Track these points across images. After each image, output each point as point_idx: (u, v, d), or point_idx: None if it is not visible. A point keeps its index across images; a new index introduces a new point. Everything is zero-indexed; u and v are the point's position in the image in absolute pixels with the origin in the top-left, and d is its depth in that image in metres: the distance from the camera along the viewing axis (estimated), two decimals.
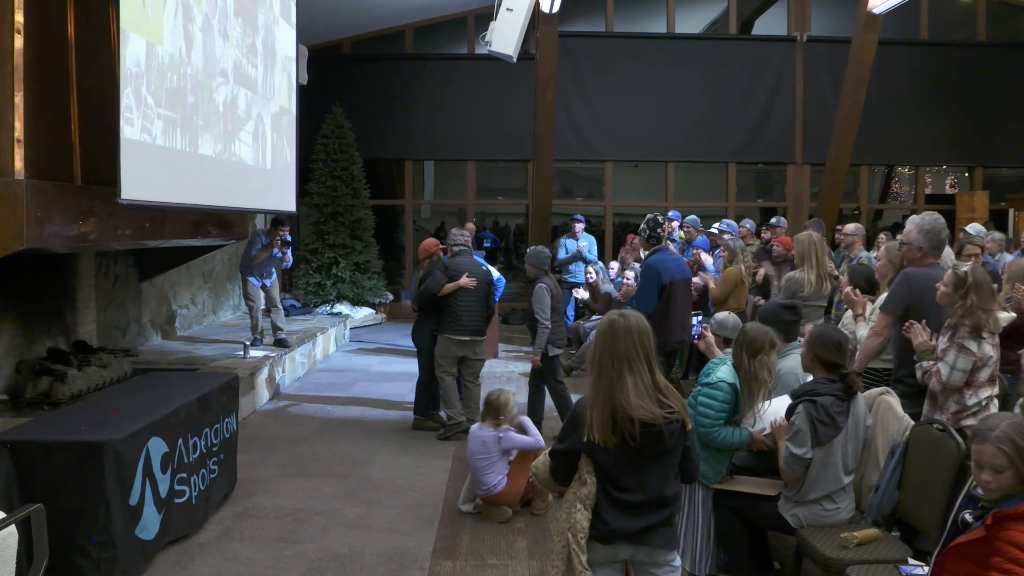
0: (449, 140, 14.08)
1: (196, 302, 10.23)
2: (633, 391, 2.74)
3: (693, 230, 9.44)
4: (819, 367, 3.84)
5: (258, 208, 8.68)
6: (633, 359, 2.77)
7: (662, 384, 2.83)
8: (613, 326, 2.83)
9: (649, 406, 2.75)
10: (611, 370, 2.78)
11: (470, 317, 6.65)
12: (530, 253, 6.68)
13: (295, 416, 7.60)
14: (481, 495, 5.07)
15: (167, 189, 6.11)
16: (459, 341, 6.67)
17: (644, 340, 2.80)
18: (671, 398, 2.82)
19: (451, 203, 16.40)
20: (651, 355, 2.81)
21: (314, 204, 12.84)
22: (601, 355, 2.83)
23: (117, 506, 3.96)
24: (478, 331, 6.66)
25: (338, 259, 12.75)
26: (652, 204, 14.38)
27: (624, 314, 2.88)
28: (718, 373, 4.03)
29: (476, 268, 6.71)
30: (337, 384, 8.96)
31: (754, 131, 14.12)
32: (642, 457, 2.79)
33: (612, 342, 2.81)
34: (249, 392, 7.64)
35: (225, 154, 7.28)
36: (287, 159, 9.24)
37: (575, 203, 15.39)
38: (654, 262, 5.86)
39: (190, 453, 4.73)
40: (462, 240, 6.92)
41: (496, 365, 10.17)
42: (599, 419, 2.76)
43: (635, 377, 2.76)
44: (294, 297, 12.71)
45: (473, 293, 6.65)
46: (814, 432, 3.69)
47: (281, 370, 8.66)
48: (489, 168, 15.59)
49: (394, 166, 15.05)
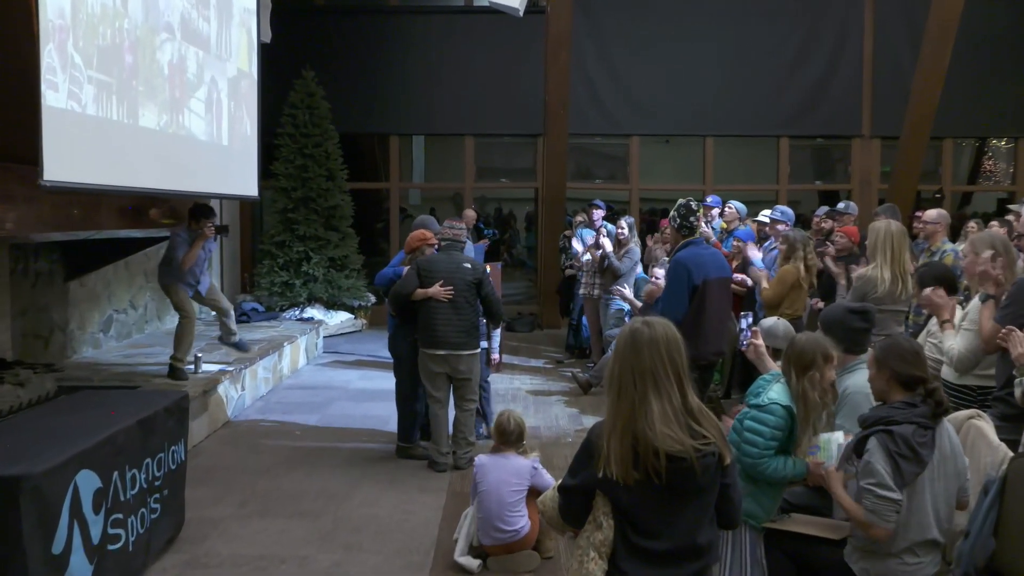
0: (443, 111, 14.08)
1: (137, 305, 10.21)
2: (659, 416, 2.73)
3: (736, 218, 9.39)
4: (897, 388, 3.76)
5: (212, 192, 8.65)
6: (659, 376, 2.76)
7: (695, 407, 2.81)
8: (635, 336, 2.82)
9: (678, 435, 2.73)
10: (632, 390, 2.77)
11: (445, 328, 6.63)
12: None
13: (257, 443, 7.57)
14: (500, 542, 4.91)
15: (101, 169, 6.07)
16: (433, 356, 6.67)
17: (673, 353, 2.79)
18: (706, 425, 2.80)
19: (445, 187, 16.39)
20: (682, 371, 2.80)
21: (280, 188, 12.83)
22: (621, 372, 2.81)
23: (37, 556, 3.90)
24: (457, 344, 6.63)
25: (309, 254, 12.74)
26: (687, 187, 14.33)
27: (649, 321, 2.86)
28: (770, 393, 4.00)
29: (455, 269, 6.67)
30: (309, 404, 8.93)
31: (811, 98, 14.08)
32: (670, 497, 2.77)
33: (634, 356, 2.80)
34: (201, 414, 7.60)
35: (172, 127, 7.24)
36: (247, 133, 9.20)
37: (594, 186, 15.35)
38: (684, 257, 5.84)
39: (128, 489, 4.68)
40: (451, 233, 6.92)
41: (498, 381, 10.12)
42: (618, 450, 2.75)
43: (662, 399, 2.75)
44: (256, 299, 12.70)
45: (450, 299, 6.66)
46: (896, 470, 3.60)
47: (240, 387, 8.63)
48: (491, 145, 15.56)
49: (377, 142, 15.03)
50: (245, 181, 9.19)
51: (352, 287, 13.00)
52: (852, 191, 14.34)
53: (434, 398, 6.76)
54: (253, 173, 9.39)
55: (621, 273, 9.70)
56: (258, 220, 14.44)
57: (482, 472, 5.01)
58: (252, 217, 14.25)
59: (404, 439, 7.14)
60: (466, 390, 6.77)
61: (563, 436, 7.70)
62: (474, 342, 6.72)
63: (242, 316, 11.78)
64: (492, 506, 4.90)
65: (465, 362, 6.67)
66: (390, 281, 7.00)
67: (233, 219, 13.47)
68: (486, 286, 6.71)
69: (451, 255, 6.80)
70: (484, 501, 4.94)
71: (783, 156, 14.44)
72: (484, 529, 4.93)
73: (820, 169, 16.68)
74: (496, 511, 4.89)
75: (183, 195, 7.69)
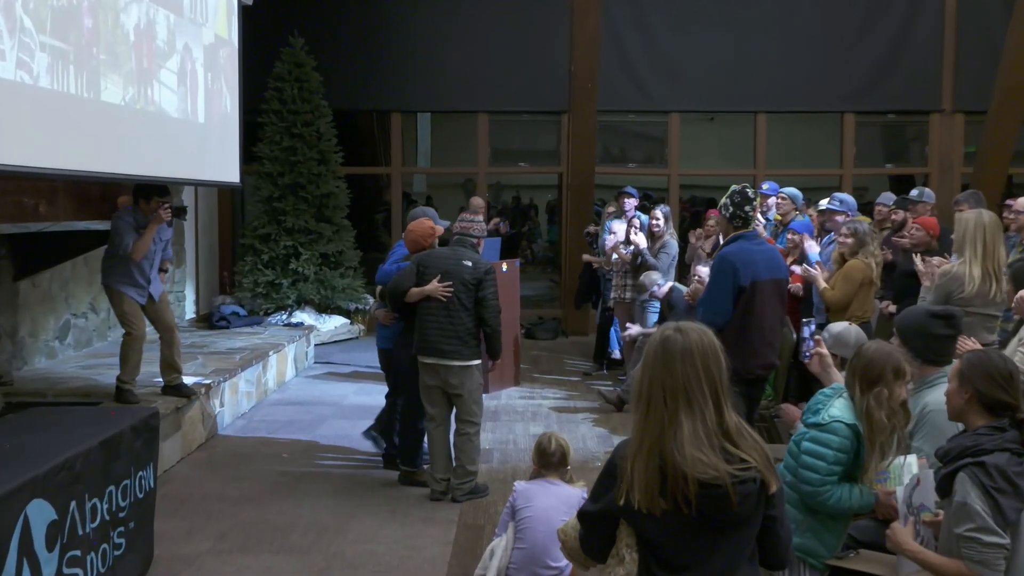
0: (453, 84, 14.07)
1: (98, 309, 10.23)
2: (689, 437, 2.74)
3: (792, 208, 9.33)
4: (979, 411, 3.70)
5: (186, 178, 8.68)
6: (692, 392, 2.77)
7: (733, 427, 2.81)
8: (666, 345, 2.83)
9: (711, 459, 2.73)
10: (661, 407, 2.78)
11: (436, 332, 6.67)
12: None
13: (238, 467, 7.57)
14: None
15: (56, 150, 6.06)
16: (423, 365, 6.75)
17: (709, 365, 2.80)
18: (746, 447, 2.79)
19: (455, 172, 16.43)
20: (720, 386, 2.80)
21: (265, 173, 12.86)
22: (649, 385, 2.82)
23: None
24: (446, 352, 6.63)
25: (299, 249, 12.75)
26: (734, 172, 14.29)
27: (682, 328, 2.86)
28: (831, 410, 3.97)
29: (453, 266, 6.68)
30: (298, 422, 8.93)
31: (881, 66, 13.99)
32: (702, 529, 2.77)
33: (664, 368, 2.81)
34: (174, 434, 7.60)
35: (139, 102, 7.25)
36: (226, 110, 9.21)
37: (627, 171, 15.34)
38: (731, 253, 5.81)
39: (87, 521, 4.67)
40: (459, 226, 7.00)
41: (517, 395, 10.11)
42: (642, 475, 2.76)
43: (694, 418, 2.76)
44: (237, 301, 12.73)
45: (441, 300, 6.67)
46: (996, 509, 3.51)
47: (219, 403, 8.63)
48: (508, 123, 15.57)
49: (376, 121, 15.07)
50: (224, 165, 9.20)
51: (348, 288, 13.00)
52: (930, 175, 14.23)
53: (429, 415, 6.79)
54: (234, 156, 9.39)
55: (658, 271, 9.66)
56: (239, 210, 14.49)
57: (525, 497, 4.89)
58: (232, 207, 14.30)
59: (407, 462, 7.13)
60: (462, 408, 6.78)
61: (591, 460, 7.67)
62: (469, 351, 6.70)
63: (221, 321, 11.82)
64: (539, 537, 4.72)
65: (456, 374, 6.67)
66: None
67: (210, 209, 13.51)
68: (486, 287, 6.69)
69: (455, 251, 6.82)
70: (529, 530, 4.77)
71: (848, 135, 14.34)
72: (524, 565, 4.76)
73: (891, 150, 16.59)
74: (543, 543, 4.70)
75: (152, 181, 7.66)
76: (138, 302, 7.64)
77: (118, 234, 7.42)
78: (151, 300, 7.71)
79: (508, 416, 9.19)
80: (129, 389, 7.62)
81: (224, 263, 13.89)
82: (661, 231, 9.88)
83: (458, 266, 6.71)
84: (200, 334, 11.33)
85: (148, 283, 7.67)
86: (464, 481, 6.75)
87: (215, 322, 11.86)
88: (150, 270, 7.69)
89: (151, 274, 7.71)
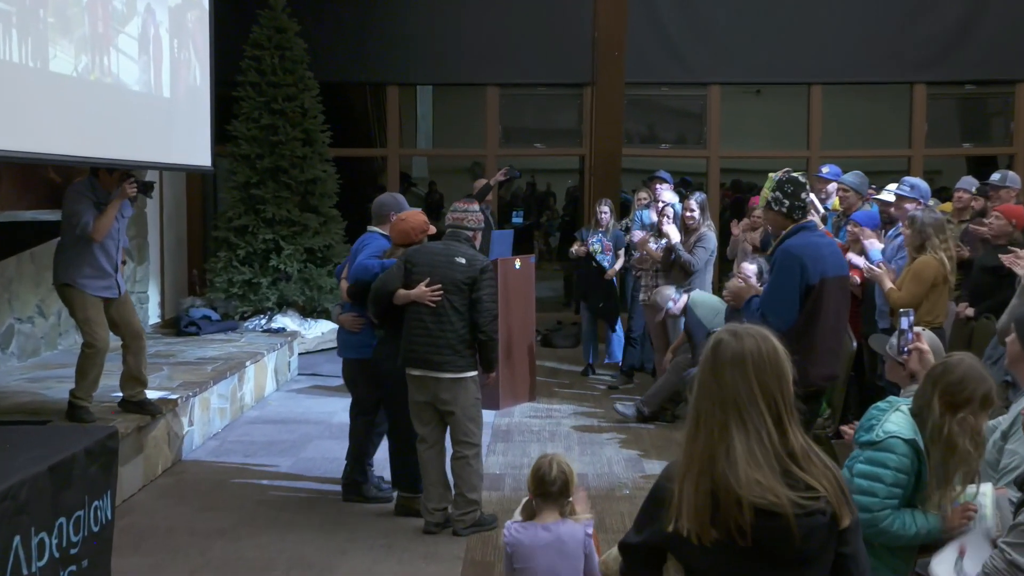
0: (458, 53, 14.09)
1: (47, 312, 10.25)
2: (744, 458, 2.74)
3: (854, 195, 9.30)
4: None
5: (150, 161, 8.67)
6: (744, 406, 2.77)
7: (799, 448, 2.80)
8: (717, 352, 2.83)
9: (769, 482, 2.73)
10: (711, 422, 2.78)
11: (424, 340, 6.67)
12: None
13: (211, 495, 7.57)
14: None
15: None
16: (410, 377, 6.77)
17: (766, 376, 2.80)
18: (815, 473, 2.79)
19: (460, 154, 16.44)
20: (783, 400, 2.80)
21: (241, 155, 12.87)
22: (699, 398, 2.82)
23: None
24: (435, 363, 6.64)
25: (280, 243, 12.75)
26: (785, 154, 14.23)
27: (737, 331, 2.85)
28: (887, 425, 3.99)
29: (444, 263, 6.66)
30: (279, 443, 8.95)
31: (958, 30, 13.94)
32: (759, 563, 2.77)
33: (714, 378, 2.81)
34: (136, 457, 7.60)
35: (93, 72, 7.25)
36: (196, 82, 9.21)
37: (660, 152, 15.29)
38: (797, 247, 5.79)
39: (33, 559, 4.65)
40: (451, 218, 6.96)
41: (532, 412, 10.11)
42: (692, 500, 2.76)
43: (748, 435, 2.76)
44: (208, 303, 12.75)
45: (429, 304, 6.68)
46: None
47: (188, 421, 8.63)
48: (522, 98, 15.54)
49: (370, 95, 15.06)
50: (194, 146, 9.20)
51: (337, 288, 12.98)
52: (1015, 156, 14.17)
53: (420, 436, 6.80)
54: (205, 136, 9.40)
55: (694, 269, 9.63)
56: (211, 199, 14.50)
57: (522, 555, 4.85)
58: (203, 195, 14.31)
59: (406, 488, 7.13)
60: (456, 428, 6.77)
61: (618, 487, 7.65)
62: (463, 362, 6.68)
63: (190, 326, 11.83)
64: None
65: (448, 388, 6.66)
66: (375, 276, 6.97)
67: (177, 198, 13.53)
68: (481, 287, 6.66)
69: (448, 246, 6.82)
70: None
71: (918, 110, 14.29)
72: None
73: (970, 127, 16.50)
74: None
75: (109, 165, 7.65)
76: (105, 299, 7.56)
77: (75, 213, 7.28)
78: (119, 295, 7.66)
79: (522, 436, 9.19)
80: (84, 406, 7.59)
81: (193, 259, 13.91)
82: (697, 222, 9.84)
83: (449, 266, 6.69)
84: (166, 342, 11.35)
85: (115, 270, 7.60)
86: (466, 512, 6.72)
87: (183, 328, 11.86)
88: (117, 254, 7.61)
89: (118, 259, 7.64)
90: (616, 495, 7.48)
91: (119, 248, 7.67)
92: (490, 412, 9.77)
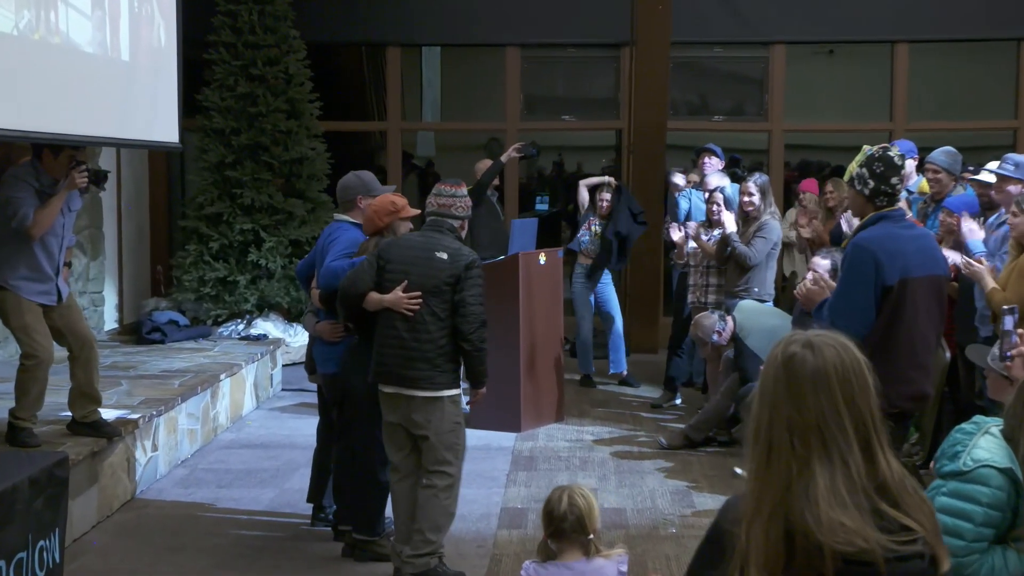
0: (472, 8, 14.15)
1: None
2: (825, 494, 2.71)
3: (946, 176, 9.27)
4: None
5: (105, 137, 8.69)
6: (830, 432, 2.75)
7: (892, 480, 2.78)
8: (791, 367, 2.80)
9: (858, 525, 2.69)
10: (788, 453, 2.76)
11: (396, 351, 6.61)
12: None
13: (177, 535, 7.58)
14: None
15: None
16: (382, 395, 6.71)
17: (854, 393, 2.77)
18: (911, 508, 2.76)
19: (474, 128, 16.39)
20: (871, 422, 2.77)
21: (214, 130, 12.92)
22: (769, 423, 2.80)
23: None
24: (408, 379, 6.57)
25: (260, 234, 12.79)
26: (863, 126, 14.25)
27: (813, 341, 2.82)
28: (976, 451, 3.97)
29: (421, 260, 6.59)
30: (259, 472, 8.97)
31: None
32: None
33: (790, 399, 2.78)
34: (89, 488, 7.59)
35: (38, 31, 7.27)
36: (159, 43, 9.23)
37: (712, 125, 15.27)
38: (871, 241, 5.78)
39: None
40: (434, 203, 6.81)
41: (560, 435, 10.14)
42: (762, 546, 2.73)
43: (833, 466, 2.73)
44: (176, 306, 12.78)
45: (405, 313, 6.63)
46: None
47: (151, 445, 8.65)
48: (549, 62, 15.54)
49: (367, 59, 15.07)
50: (157, 119, 9.21)
51: None
52: None
53: (392, 464, 6.76)
54: (171, 107, 9.41)
55: (751, 264, 9.58)
56: (178, 181, 14.55)
57: None
58: (169, 176, 14.37)
59: (364, 529, 7.07)
60: (429, 455, 6.66)
61: (662, 525, 7.64)
62: (441, 378, 6.60)
63: (153, 333, 11.86)
64: None
65: (420, 408, 6.58)
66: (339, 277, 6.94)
67: (138, 180, 13.57)
68: (467, 287, 6.54)
69: (428, 238, 6.73)
70: None
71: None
72: None
73: None
74: None
75: (56, 141, 7.66)
76: (43, 305, 7.57)
77: (11, 201, 7.28)
78: (59, 301, 7.66)
79: (548, 464, 9.20)
80: (28, 428, 7.61)
81: (158, 254, 13.97)
82: (757, 209, 9.78)
83: (428, 262, 6.60)
84: (125, 351, 11.42)
85: (56, 273, 7.61)
86: (419, 553, 6.51)
87: (145, 334, 11.91)
88: (60, 254, 7.64)
89: (60, 260, 7.67)
90: (660, 534, 7.46)
91: (63, 248, 7.68)
92: (510, 435, 9.81)
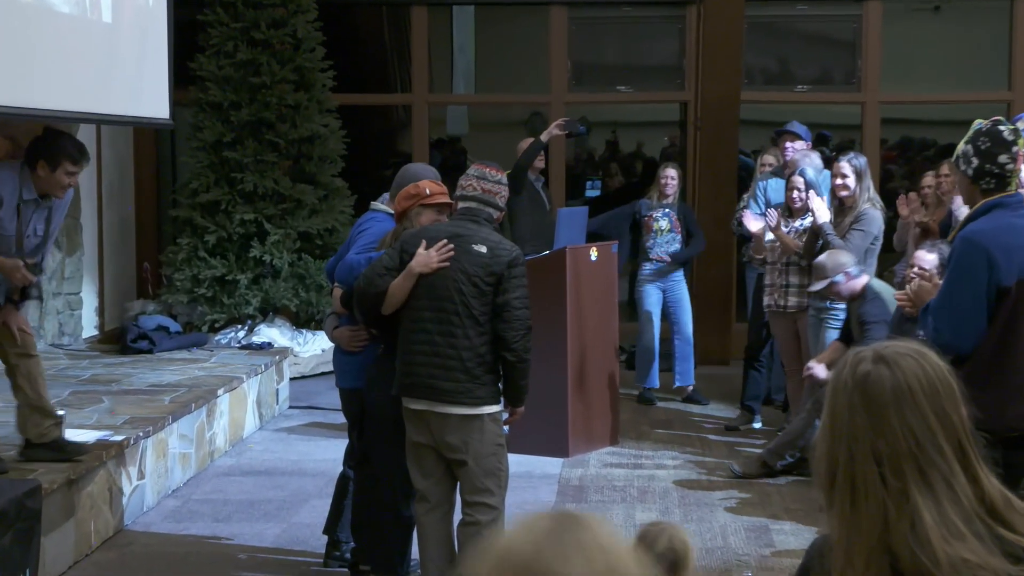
0: None
1: None
2: (937, 528, 2.69)
3: None
4: None
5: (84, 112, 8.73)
6: (927, 455, 2.73)
7: (999, 499, 2.76)
8: (867, 388, 2.77)
9: (983, 558, 2.67)
10: (877, 489, 2.74)
11: (425, 359, 6.57)
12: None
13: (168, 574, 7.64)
14: None
15: None
16: (408, 412, 6.66)
17: (944, 405, 2.76)
18: (1021, 525, 2.75)
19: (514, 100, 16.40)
20: (965, 436, 2.76)
21: (210, 103, 12.97)
22: (849, 456, 2.78)
23: None
24: (440, 391, 6.53)
25: (265, 226, 12.82)
26: (976, 97, 14.16)
27: (886, 355, 2.80)
28: None
29: (460, 253, 6.49)
30: (262, 504, 9.01)
31: None
32: None
33: (869, 425, 2.76)
34: (65, 522, 7.60)
35: None
36: (147, 2, 9.28)
37: (794, 97, 15.24)
38: (981, 234, 5.74)
39: None
40: (478, 186, 6.77)
41: (615, 461, 10.14)
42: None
43: (936, 494, 2.72)
44: (166, 309, 12.83)
45: (438, 308, 6.58)
46: None
47: (137, 472, 8.69)
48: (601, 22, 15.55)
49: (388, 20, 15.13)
50: (144, 91, 9.27)
51: None
52: None
53: (420, 493, 6.73)
54: (161, 76, 9.47)
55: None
56: (169, 165, 14.61)
57: None
58: (158, 159, 14.44)
59: (384, 568, 7.10)
60: (467, 483, 6.66)
61: (736, 567, 7.65)
62: (480, 391, 6.56)
63: (140, 341, 11.90)
64: None
65: (456, 428, 6.56)
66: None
67: (122, 163, 13.62)
68: (511, 288, 6.52)
69: (463, 228, 6.70)
70: None
71: None
72: None
73: None
74: None
75: (24, 115, 7.73)
76: None
77: None
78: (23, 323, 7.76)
79: (600, 494, 9.23)
80: None
81: (144, 249, 14.02)
82: (853, 195, 9.73)
83: (465, 253, 6.58)
84: (106, 362, 11.50)
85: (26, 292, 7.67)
86: None
87: (130, 342, 11.98)
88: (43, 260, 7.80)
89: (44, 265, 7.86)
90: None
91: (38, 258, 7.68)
92: (556, 461, 9.81)
